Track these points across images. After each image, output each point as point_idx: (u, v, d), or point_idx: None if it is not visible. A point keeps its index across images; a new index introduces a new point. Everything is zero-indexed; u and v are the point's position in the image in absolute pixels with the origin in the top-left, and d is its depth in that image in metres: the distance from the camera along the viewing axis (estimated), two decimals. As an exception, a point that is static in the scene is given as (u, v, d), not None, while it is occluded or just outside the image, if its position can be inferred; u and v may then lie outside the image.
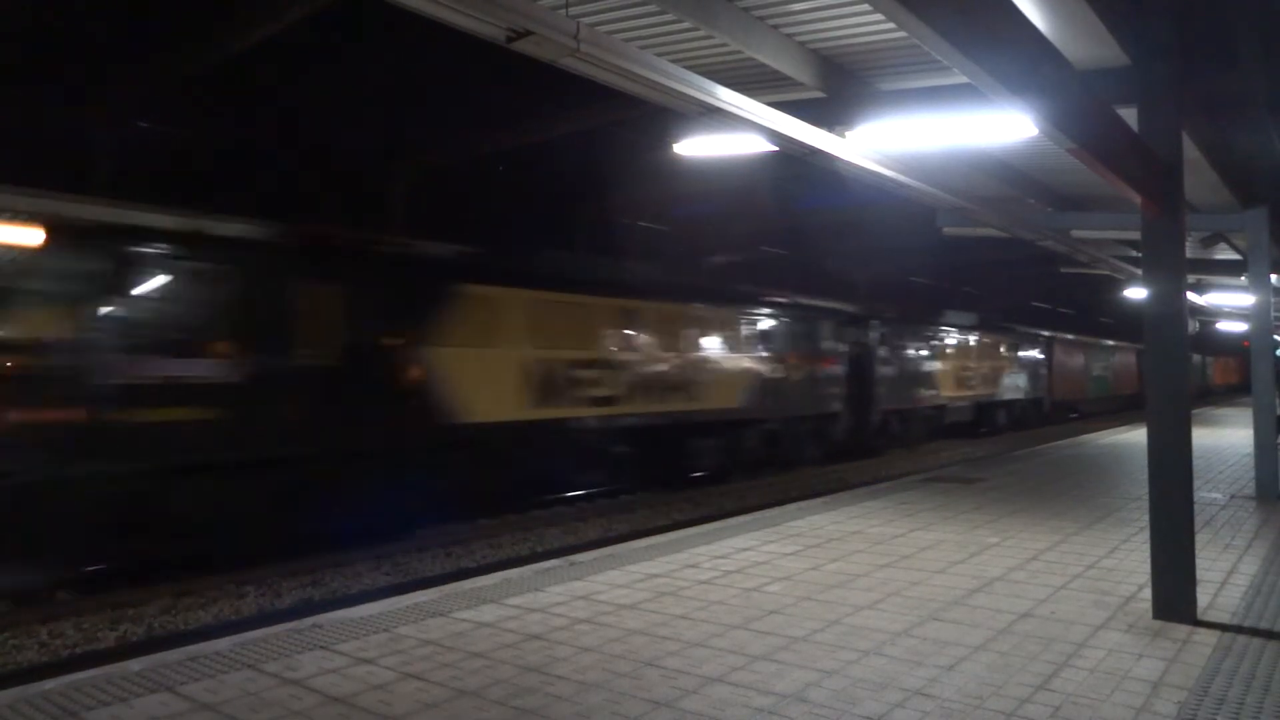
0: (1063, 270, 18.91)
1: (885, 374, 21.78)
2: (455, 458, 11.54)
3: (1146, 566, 5.56)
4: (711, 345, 16.15)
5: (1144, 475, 5.50)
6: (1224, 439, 17.48)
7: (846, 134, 6.48)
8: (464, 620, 5.18)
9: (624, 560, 6.75)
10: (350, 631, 4.97)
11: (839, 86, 6.47)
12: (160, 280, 9.16)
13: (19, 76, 12.12)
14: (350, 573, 9.85)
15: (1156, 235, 5.42)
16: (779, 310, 18.17)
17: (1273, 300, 10.64)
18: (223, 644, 4.76)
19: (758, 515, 8.89)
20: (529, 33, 4.10)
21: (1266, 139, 7.70)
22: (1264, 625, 4.94)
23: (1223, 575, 6.10)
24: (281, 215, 10.94)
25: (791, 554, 6.88)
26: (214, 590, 8.99)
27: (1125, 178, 4.77)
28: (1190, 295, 11.21)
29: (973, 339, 26.90)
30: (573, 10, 5.20)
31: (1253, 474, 10.03)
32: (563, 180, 18.53)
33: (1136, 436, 17.95)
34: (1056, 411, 33.63)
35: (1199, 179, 8.63)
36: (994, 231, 11.55)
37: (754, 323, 17.32)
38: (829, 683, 4.06)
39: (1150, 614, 5.11)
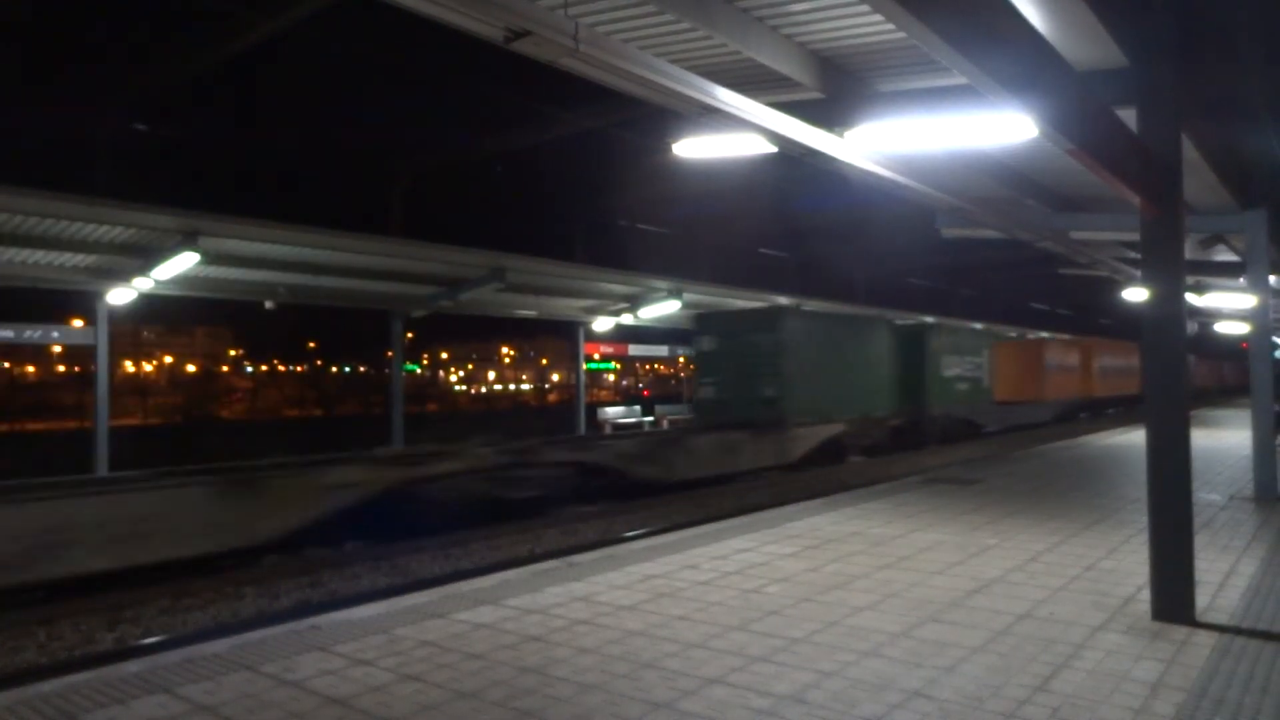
0: (1062, 271, 18.78)
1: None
2: None
3: (1145, 568, 5.56)
4: None
5: (1143, 477, 5.50)
6: (1223, 440, 17.48)
7: (846, 134, 6.48)
8: (462, 622, 5.17)
9: (623, 561, 6.74)
10: (348, 633, 4.96)
11: (838, 87, 6.47)
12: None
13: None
14: (348, 574, 9.84)
15: (1155, 236, 5.42)
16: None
17: (1272, 302, 10.64)
18: (221, 645, 4.76)
19: (757, 516, 8.88)
20: (528, 33, 4.10)
21: (1265, 140, 7.70)
22: (1262, 626, 4.94)
23: (1221, 576, 6.09)
24: None
25: (790, 555, 6.88)
26: (212, 592, 8.98)
27: (1124, 179, 4.77)
28: (1189, 297, 11.21)
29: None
30: (572, 10, 5.20)
31: (1251, 475, 10.04)
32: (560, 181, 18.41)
33: (1135, 438, 17.96)
34: None
35: (1198, 180, 8.64)
36: (992, 233, 11.56)
37: None
38: (828, 684, 4.05)
39: (1149, 615, 5.11)
